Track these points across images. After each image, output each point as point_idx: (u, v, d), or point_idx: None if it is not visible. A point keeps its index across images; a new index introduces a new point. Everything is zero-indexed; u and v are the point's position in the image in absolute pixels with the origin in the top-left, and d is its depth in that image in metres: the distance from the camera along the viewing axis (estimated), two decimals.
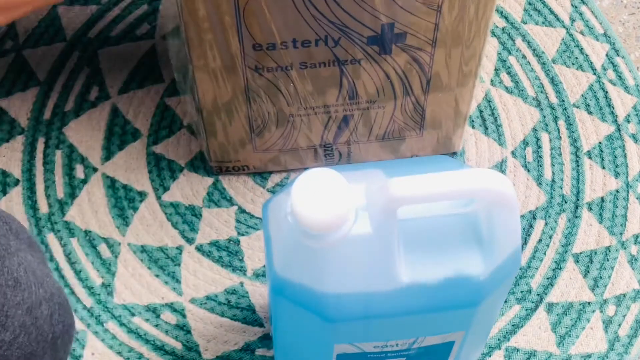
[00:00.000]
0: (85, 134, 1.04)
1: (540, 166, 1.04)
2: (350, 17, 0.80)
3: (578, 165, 1.04)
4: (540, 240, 1.00)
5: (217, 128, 0.94)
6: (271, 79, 0.87)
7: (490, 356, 0.94)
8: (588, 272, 0.98)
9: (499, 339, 0.94)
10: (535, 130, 1.06)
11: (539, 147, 1.05)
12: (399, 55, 0.86)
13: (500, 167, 1.04)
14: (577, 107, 1.08)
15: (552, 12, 1.15)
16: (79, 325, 0.93)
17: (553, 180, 1.03)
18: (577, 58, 1.11)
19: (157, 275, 0.96)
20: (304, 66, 0.85)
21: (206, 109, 0.91)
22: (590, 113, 1.08)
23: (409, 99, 0.92)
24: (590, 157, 1.05)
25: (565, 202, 1.02)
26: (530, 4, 1.15)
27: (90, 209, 1.00)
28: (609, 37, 1.13)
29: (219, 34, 0.81)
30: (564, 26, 1.14)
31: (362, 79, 0.88)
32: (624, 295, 0.97)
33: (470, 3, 0.81)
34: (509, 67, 1.10)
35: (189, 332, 0.94)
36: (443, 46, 0.85)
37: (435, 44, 0.85)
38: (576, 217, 1.01)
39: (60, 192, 1.01)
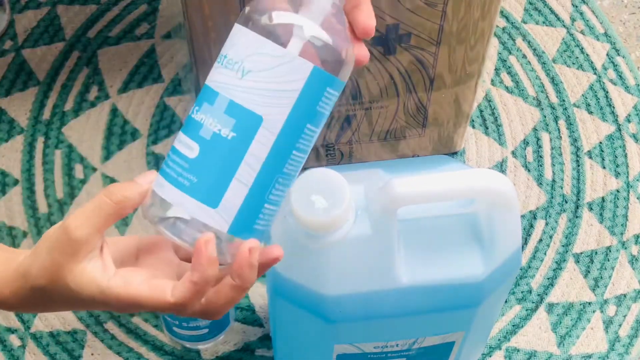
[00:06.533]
0: (85, 133, 1.04)
1: (541, 166, 1.04)
2: None
3: (578, 165, 1.04)
4: (540, 240, 1.00)
5: None
6: None
7: (490, 356, 0.93)
8: (589, 272, 0.98)
9: (499, 339, 0.94)
10: (536, 130, 1.06)
11: (540, 146, 1.05)
12: (402, 55, 0.85)
13: (501, 167, 1.04)
14: (578, 106, 1.08)
15: (552, 11, 1.14)
16: (78, 325, 0.93)
17: (553, 180, 1.03)
18: (577, 58, 1.11)
19: None
20: None
21: None
22: (590, 113, 1.08)
23: (411, 98, 0.92)
24: (590, 157, 1.05)
25: (566, 202, 1.02)
26: (530, 3, 1.15)
27: None
28: (610, 36, 1.13)
29: (224, 33, 0.81)
30: (564, 26, 1.13)
31: (366, 79, 0.88)
32: (625, 295, 0.97)
33: (475, 5, 0.80)
34: (509, 67, 1.10)
35: None
36: (447, 47, 0.85)
37: (439, 44, 0.85)
38: (577, 217, 1.01)
39: (60, 192, 1.00)
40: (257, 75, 0.48)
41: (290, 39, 0.48)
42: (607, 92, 1.09)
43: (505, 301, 0.96)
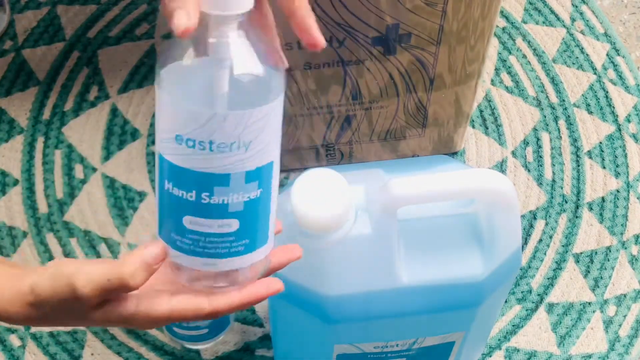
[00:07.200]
0: (85, 133, 1.04)
1: (541, 166, 1.04)
2: (355, 18, 0.80)
3: (578, 165, 1.04)
4: (540, 240, 1.00)
5: None
6: None
7: (490, 356, 0.93)
8: (588, 272, 0.98)
9: (499, 339, 0.94)
10: (536, 130, 1.06)
11: (540, 146, 1.05)
12: (402, 55, 0.85)
13: (501, 167, 1.04)
14: (578, 106, 1.08)
15: (552, 11, 1.14)
16: None
17: (553, 180, 1.03)
18: (577, 58, 1.11)
19: None
20: (308, 67, 0.85)
21: None
22: (590, 113, 1.08)
23: (411, 98, 0.92)
24: (590, 157, 1.05)
25: (566, 202, 1.02)
26: (530, 3, 1.15)
27: (90, 209, 0.99)
28: (610, 36, 1.13)
29: None
30: (564, 26, 1.13)
31: (366, 78, 0.88)
32: (625, 295, 0.97)
33: (475, 4, 0.80)
34: (509, 67, 1.10)
35: None
36: (447, 47, 0.85)
37: (439, 44, 0.85)
38: (577, 217, 1.01)
39: (60, 192, 1.00)
40: (258, 139, 0.49)
41: (265, 95, 0.49)
42: (607, 92, 1.09)
43: (505, 301, 0.96)
